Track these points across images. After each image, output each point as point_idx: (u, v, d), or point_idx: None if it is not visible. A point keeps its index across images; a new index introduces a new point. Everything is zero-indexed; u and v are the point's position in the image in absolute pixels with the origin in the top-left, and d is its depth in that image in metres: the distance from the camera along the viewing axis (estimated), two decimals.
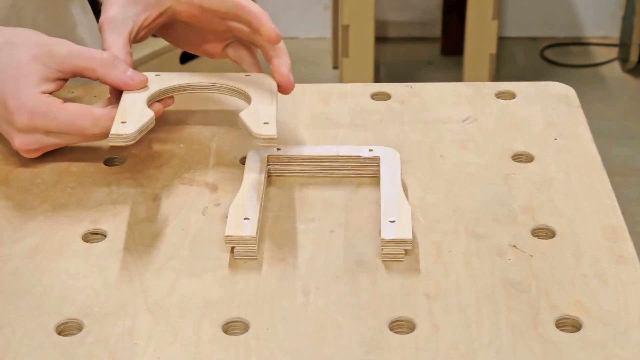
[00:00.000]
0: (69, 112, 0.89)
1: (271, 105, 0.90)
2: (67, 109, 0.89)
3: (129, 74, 0.91)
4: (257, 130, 0.86)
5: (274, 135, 0.85)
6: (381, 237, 0.82)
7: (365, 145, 0.95)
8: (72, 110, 0.89)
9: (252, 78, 0.95)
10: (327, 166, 0.91)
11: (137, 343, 0.75)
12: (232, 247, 0.82)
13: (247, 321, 0.76)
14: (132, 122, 0.87)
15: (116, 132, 0.85)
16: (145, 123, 0.87)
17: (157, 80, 0.93)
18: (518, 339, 0.75)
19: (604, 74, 3.00)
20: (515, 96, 1.03)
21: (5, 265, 0.82)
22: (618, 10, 3.08)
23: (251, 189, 0.86)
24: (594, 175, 0.92)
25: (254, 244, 0.82)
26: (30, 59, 0.89)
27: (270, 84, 0.94)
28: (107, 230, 0.85)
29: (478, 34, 2.62)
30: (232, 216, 0.83)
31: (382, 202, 0.85)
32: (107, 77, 0.91)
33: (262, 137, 0.85)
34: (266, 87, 0.93)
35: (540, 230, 0.85)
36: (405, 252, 0.82)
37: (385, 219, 0.83)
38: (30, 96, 0.88)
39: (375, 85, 1.05)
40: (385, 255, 0.82)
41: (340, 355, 0.74)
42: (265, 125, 0.87)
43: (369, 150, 0.91)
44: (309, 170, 0.91)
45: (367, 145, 0.95)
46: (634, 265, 0.81)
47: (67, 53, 0.91)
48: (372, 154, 0.91)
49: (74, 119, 0.89)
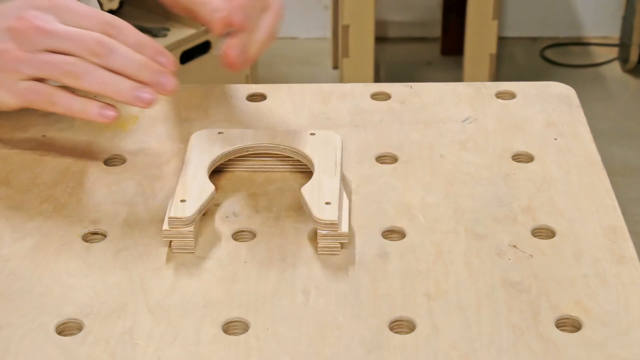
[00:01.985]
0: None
1: (334, 177, 0.86)
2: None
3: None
4: (318, 214, 0.82)
5: (335, 220, 0.82)
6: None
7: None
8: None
9: (317, 138, 0.91)
10: (269, 161, 0.91)
11: (137, 343, 0.75)
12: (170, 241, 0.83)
13: (247, 321, 0.76)
14: (192, 199, 0.84)
15: (175, 214, 0.82)
16: (205, 201, 0.84)
17: (220, 141, 0.91)
18: (518, 339, 0.75)
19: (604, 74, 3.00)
20: (515, 96, 1.03)
21: (5, 265, 0.82)
22: (618, 10, 3.08)
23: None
24: (594, 175, 0.92)
25: (191, 238, 0.82)
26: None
27: (335, 146, 0.90)
28: (107, 230, 0.85)
29: (478, 34, 2.62)
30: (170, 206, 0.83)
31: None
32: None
33: (323, 223, 0.82)
34: (331, 151, 0.90)
35: (540, 230, 0.85)
36: (342, 245, 0.82)
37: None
38: None
39: (375, 85, 1.05)
40: (322, 249, 0.82)
41: (341, 355, 0.74)
42: (327, 206, 0.83)
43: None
44: (256, 166, 0.91)
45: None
46: (635, 265, 0.81)
47: None
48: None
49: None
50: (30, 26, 0.87)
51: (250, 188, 0.91)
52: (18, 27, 0.87)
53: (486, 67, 2.65)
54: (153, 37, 2.46)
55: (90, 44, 0.86)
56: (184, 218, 0.82)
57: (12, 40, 0.87)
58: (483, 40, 2.62)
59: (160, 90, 0.86)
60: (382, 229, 0.85)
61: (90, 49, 0.86)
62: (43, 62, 0.87)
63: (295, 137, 0.91)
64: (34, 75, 0.88)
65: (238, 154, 0.91)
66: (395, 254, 0.83)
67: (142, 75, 0.86)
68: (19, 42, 0.87)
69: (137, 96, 0.86)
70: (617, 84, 2.95)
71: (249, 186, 0.91)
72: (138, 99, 0.86)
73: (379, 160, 0.94)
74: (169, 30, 2.48)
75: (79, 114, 0.87)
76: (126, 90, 0.86)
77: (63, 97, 0.88)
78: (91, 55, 0.86)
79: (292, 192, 0.90)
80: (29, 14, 0.87)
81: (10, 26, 0.88)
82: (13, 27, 0.87)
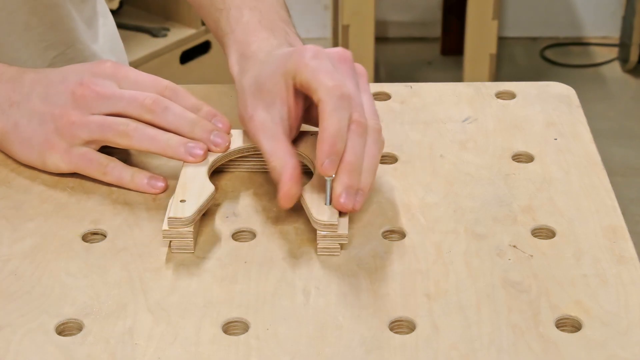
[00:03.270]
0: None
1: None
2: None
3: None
4: (317, 215, 0.82)
5: (334, 222, 0.82)
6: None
7: None
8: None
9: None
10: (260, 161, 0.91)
11: (137, 343, 0.75)
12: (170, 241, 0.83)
13: (247, 321, 0.76)
14: (192, 199, 0.84)
15: (174, 215, 0.82)
16: (205, 201, 0.84)
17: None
18: (518, 339, 0.75)
19: (604, 74, 3.00)
20: (515, 96, 1.03)
21: (5, 265, 0.82)
22: (618, 10, 3.08)
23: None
24: (594, 175, 0.92)
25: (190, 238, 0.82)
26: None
27: None
28: (107, 230, 0.85)
29: (478, 34, 2.62)
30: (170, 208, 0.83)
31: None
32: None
33: (323, 224, 0.82)
34: None
35: (540, 230, 0.85)
36: (341, 246, 0.82)
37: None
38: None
39: (375, 85, 1.05)
40: (321, 250, 0.82)
41: (341, 355, 0.74)
42: (326, 207, 0.83)
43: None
44: (256, 166, 0.91)
45: None
46: (635, 265, 0.81)
47: None
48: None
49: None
50: (90, 92, 0.89)
51: (250, 188, 0.91)
52: (78, 92, 0.89)
53: (486, 67, 2.65)
54: (153, 37, 2.46)
55: (146, 102, 0.88)
56: (183, 218, 0.82)
57: (71, 105, 0.89)
58: (483, 40, 2.62)
59: (212, 147, 0.88)
60: (382, 229, 0.85)
61: (146, 107, 0.88)
62: (97, 124, 0.88)
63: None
64: (88, 138, 0.89)
65: (238, 154, 0.91)
66: (395, 254, 0.83)
67: (196, 133, 0.88)
68: (77, 107, 0.89)
69: (187, 150, 0.87)
70: (617, 84, 2.95)
71: (249, 186, 0.91)
72: (189, 153, 0.87)
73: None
74: (169, 30, 2.48)
75: (129, 184, 0.89)
76: (176, 145, 0.87)
77: (114, 167, 0.89)
78: (146, 112, 0.88)
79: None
80: (90, 80, 0.89)
81: (71, 90, 0.89)
82: (73, 92, 0.89)
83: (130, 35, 2.42)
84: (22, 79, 0.91)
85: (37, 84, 0.91)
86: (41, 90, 0.90)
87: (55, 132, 0.89)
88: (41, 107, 0.90)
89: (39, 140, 0.90)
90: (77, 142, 0.89)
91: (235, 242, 0.84)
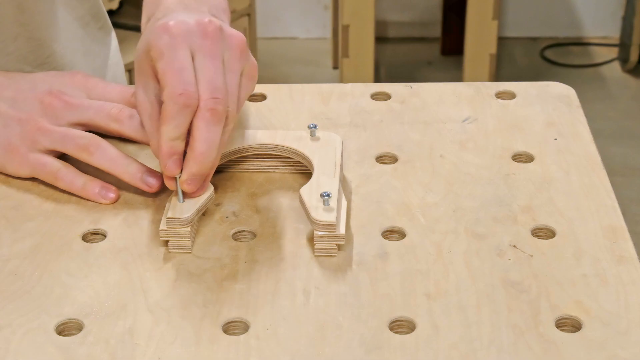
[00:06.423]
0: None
1: (334, 178, 0.86)
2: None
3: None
4: (316, 215, 0.82)
5: (332, 221, 0.82)
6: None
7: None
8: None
9: (317, 139, 0.91)
10: (269, 162, 0.91)
11: (137, 343, 0.75)
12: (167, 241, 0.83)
13: (247, 321, 0.76)
14: (191, 200, 0.84)
15: (173, 215, 0.82)
16: (204, 202, 0.84)
17: None
18: (518, 339, 0.75)
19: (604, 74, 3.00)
20: (515, 96, 1.03)
21: (5, 265, 0.82)
22: (618, 10, 3.08)
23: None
24: (594, 175, 0.92)
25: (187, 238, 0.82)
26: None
27: (335, 147, 0.90)
28: (107, 230, 0.85)
29: (478, 34, 2.62)
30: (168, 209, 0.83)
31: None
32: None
33: (321, 224, 0.82)
34: (330, 152, 0.89)
35: (540, 230, 0.85)
36: (338, 247, 0.82)
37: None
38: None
39: (375, 85, 1.05)
40: (318, 250, 0.82)
41: (341, 355, 0.74)
42: (325, 208, 0.83)
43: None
44: (256, 166, 0.92)
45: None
46: (635, 265, 0.81)
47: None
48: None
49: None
50: (59, 102, 0.90)
51: (250, 188, 0.91)
52: (47, 101, 0.91)
53: (486, 67, 2.65)
54: None
55: (112, 111, 0.90)
56: (181, 218, 0.82)
57: (39, 112, 0.90)
58: (483, 40, 2.62)
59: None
60: (382, 229, 0.85)
61: (112, 116, 0.90)
62: (60, 134, 0.89)
63: (295, 138, 0.91)
64: (49, 147, 0.90)
65: (238, 154, 0.91)
66: (395, 254, 0.83)
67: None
68: (45, 115, 0.90)
69: (143, 179, 0.88)
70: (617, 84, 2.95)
71: (248, 186, 0.91)
72: (145, 182, 0.88)
73: (379, 160, 0.94)
74: None
75: (80, 192, 0.89)
76: (134, 173, 0.88)
77: (67, 173, 0.89)
78: (112, 121, 0.90)
79: (291, 193, 0.90)
80: (58, 90, 0.91)
81: (40, 99, 0.91)
82: (42, 100, 0.91)
83: (130, 35, 2.42)
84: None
85: (5, 89, 0.92)
86: (10, 95, 0.92)
87: (18, 136, 0.90)
88: (8, 111, 0.91)
89: (1, 142, 0.90)
90: (37, 148, 0.90)
91: (235, 242, 0.84)
